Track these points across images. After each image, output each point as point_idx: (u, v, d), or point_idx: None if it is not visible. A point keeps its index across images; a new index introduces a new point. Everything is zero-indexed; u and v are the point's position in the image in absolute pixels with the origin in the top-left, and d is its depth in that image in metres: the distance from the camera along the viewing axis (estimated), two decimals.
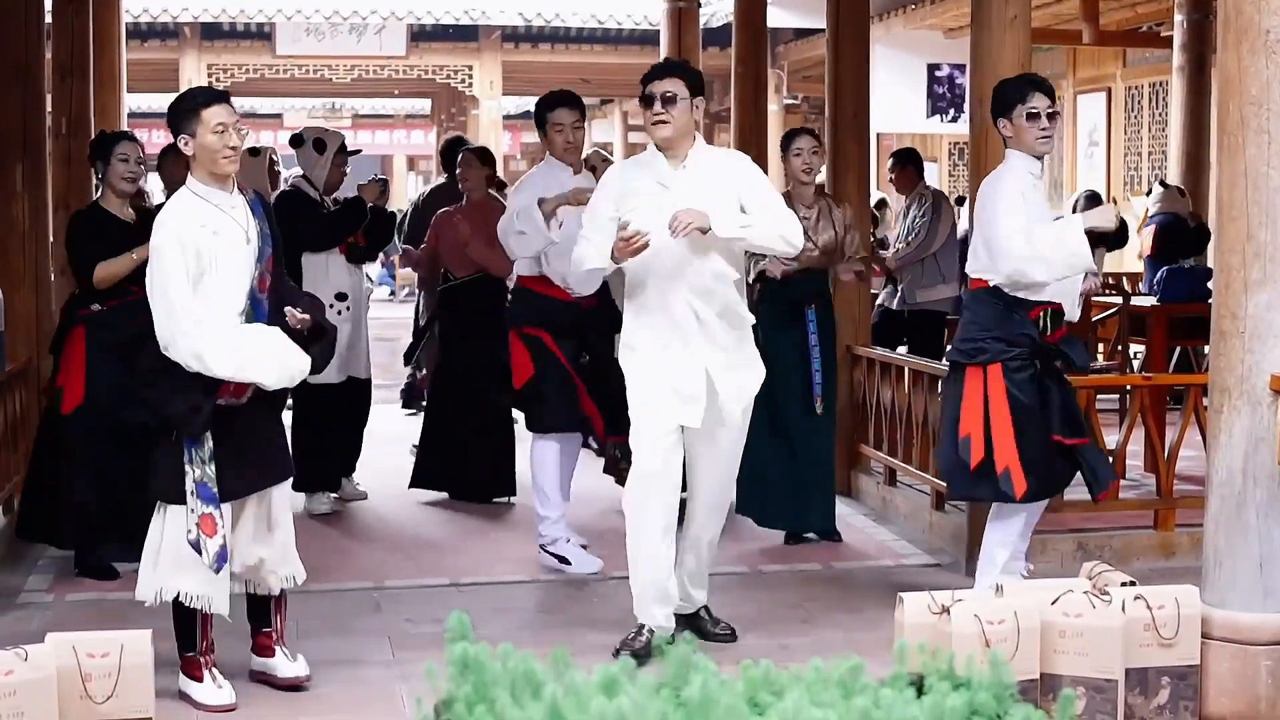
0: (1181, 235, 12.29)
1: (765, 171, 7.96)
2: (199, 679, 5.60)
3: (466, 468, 8.99)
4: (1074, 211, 13.02)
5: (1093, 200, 13.36)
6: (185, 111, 5.54)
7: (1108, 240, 8.65)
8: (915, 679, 3.26)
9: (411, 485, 9.15)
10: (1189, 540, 7.26)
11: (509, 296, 8.51)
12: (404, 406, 12.49)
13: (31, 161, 8.44)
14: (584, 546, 7.65)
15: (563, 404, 7.52)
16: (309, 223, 8.50)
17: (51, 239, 9.09)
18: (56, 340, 7.41)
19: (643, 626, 5.99)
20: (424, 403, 10.17)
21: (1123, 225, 11.16)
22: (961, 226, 11.90)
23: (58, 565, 7.50)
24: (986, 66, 7.19)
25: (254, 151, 9.25)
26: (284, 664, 5.73)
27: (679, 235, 5.68)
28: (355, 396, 8.81)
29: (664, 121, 5.89)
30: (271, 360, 5.46)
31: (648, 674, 3.06)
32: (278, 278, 5.63)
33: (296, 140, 8.81)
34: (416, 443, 9.55)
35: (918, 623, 5.04)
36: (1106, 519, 7.62)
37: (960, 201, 13.15)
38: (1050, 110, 6.18)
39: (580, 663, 3.02)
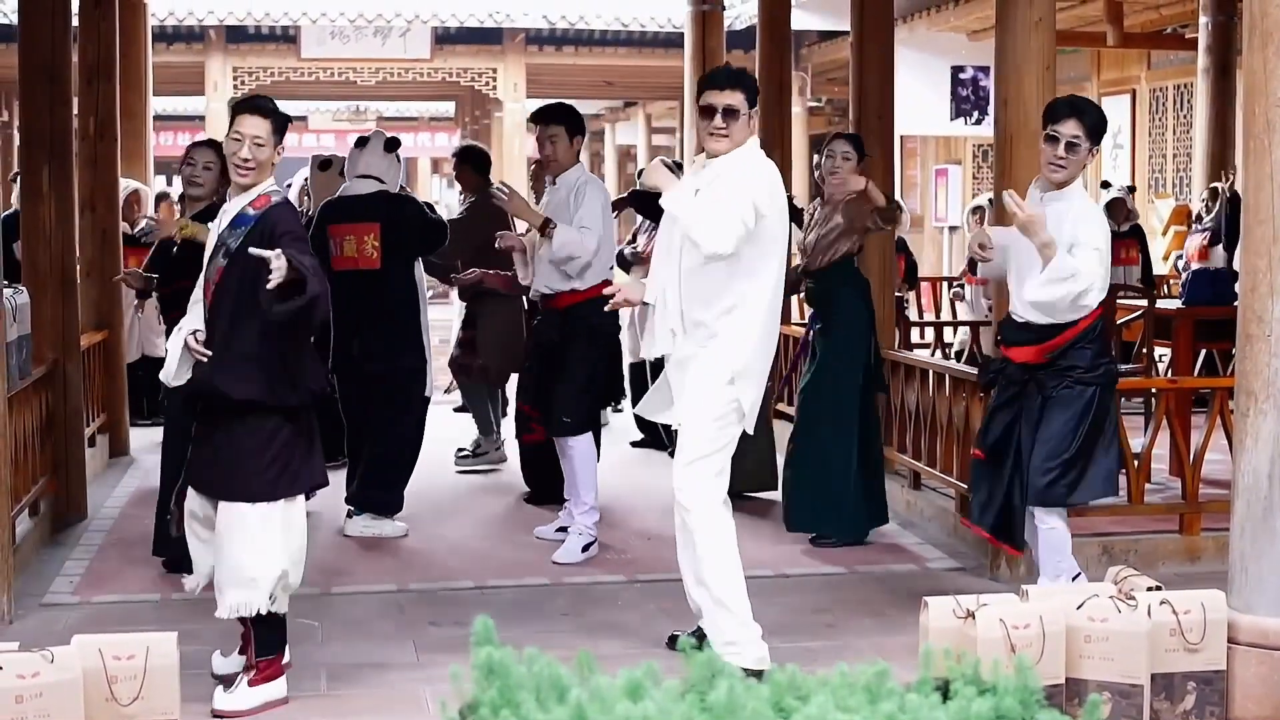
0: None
1: (789, 173, 8.06)
2: (280, 674, 5.60)
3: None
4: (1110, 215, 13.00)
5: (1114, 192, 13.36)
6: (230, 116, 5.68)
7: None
8: (941, 684, 3.25)
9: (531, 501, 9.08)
10: (1214, 545, 7.22)
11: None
12: None
13: (58, 164, 8.46)
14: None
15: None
16: (441, 230, 8.45)
17: (78, 240, 9.13)
18: None
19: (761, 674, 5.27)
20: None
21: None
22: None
23: (83, 567, 7.53)
24: (1011, 69, 7.19)
25: (324, 164, 9.07)
26: (219, 692, 5.56)
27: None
28: None
29: (724, 136, 5.79)
30: (168, 359, 5.64)
31: (672, 678, 3.05)
32: (225, 293, 5.48)
33: (393, 143, 8.41)
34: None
35: (943, 627, 5.03)
36: (1132, 523, 7.60)
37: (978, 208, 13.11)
38: (1069, 138, 6.11)
39: (604, 667, 3.01)
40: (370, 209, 8.15)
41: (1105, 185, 13.99)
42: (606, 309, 6.52)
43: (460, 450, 10.20)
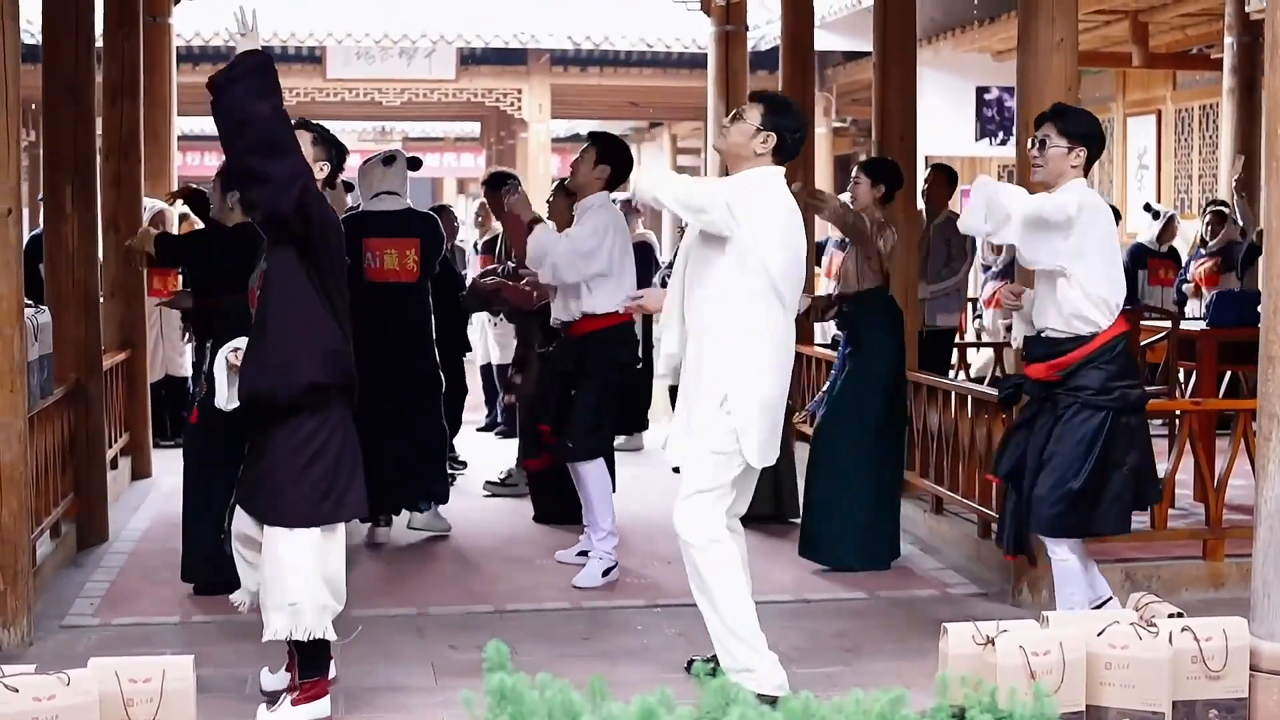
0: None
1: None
2: (324, 694, 5.62)
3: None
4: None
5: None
6: None
7: None
8: (957, 711, 3.23)
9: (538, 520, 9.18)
10: (1238, 571, 7.16)
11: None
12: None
13: (81, 182, 8.48)
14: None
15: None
16: None
17: (101, 260, 9.14)
18: None
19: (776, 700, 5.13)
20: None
21: None
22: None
23: (104, 589, 7.53)
24: (1033, 89, 7.16)
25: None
26: (263, 709, 5.59)
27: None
28: None
29: (722, 135, 5.91)
30: (217, 386, 5.69)
31: (688, 704, 3.03)
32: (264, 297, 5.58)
33: (415, 163, 8.85)
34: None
35: (962, 653, 5.00)
36: (1155, 549, 7.54)
37: None
38: (1040, 137, 6.13)
39: (622, 692, 3.00)
40: (408, 225, 8.53)
41: (1147, 208, 13.96)
42: (622, 310, 6.58)
43: (488, 481, 10.24)
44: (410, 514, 8.79)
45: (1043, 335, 6.14)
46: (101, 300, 9.18)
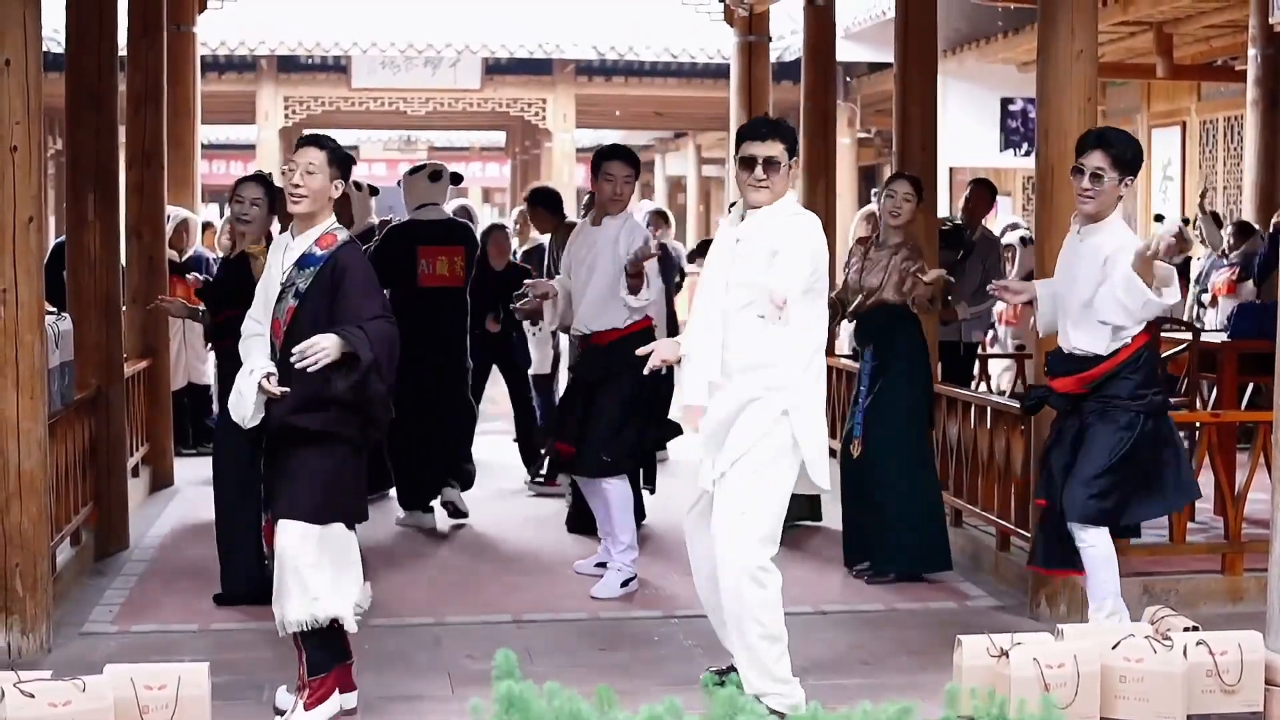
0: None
1: (834, 204, 8.04)
2: (333, 689, 5.61)
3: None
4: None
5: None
6: None
7: None
8: None
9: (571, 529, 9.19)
10: (1257, 585, 7.11)
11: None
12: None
13: (103, 190, 8.52)
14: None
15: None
16: None
17: (124, 267, 9.16)
18: None
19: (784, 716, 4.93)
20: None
21: None
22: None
23: (123, 597, 7.56)
24: (1052, 100, 7.16)
25: (357, 183, 9.76)
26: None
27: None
28: None
29: (765, 188, 5.75)
30: (234, 395, 5.63)
31: (696, 714, 3.03)
32: (296, 334, 5.50)
33: (457, 178, 9.63)
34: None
35: (976, 665, 5.00)
36: (1174, 563, 7.51)
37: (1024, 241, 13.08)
38: (1093, 169, 6.06)
39: (637, 702, 3.00)
40: (453, 234, 9.27)
41: (1159, 219, 13.94)
42: (646, 371, 6.18)
43: (532, 479, 10.55)
44: (440, 496, 9.27)
45: (1068, 353, 6.13)
46: (123, 307, 9.21)
